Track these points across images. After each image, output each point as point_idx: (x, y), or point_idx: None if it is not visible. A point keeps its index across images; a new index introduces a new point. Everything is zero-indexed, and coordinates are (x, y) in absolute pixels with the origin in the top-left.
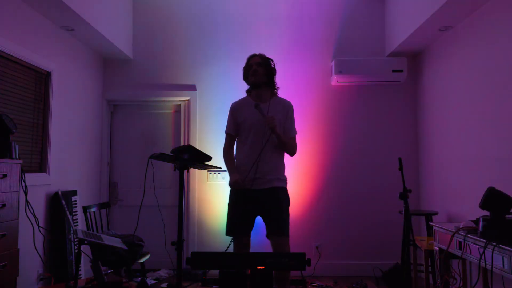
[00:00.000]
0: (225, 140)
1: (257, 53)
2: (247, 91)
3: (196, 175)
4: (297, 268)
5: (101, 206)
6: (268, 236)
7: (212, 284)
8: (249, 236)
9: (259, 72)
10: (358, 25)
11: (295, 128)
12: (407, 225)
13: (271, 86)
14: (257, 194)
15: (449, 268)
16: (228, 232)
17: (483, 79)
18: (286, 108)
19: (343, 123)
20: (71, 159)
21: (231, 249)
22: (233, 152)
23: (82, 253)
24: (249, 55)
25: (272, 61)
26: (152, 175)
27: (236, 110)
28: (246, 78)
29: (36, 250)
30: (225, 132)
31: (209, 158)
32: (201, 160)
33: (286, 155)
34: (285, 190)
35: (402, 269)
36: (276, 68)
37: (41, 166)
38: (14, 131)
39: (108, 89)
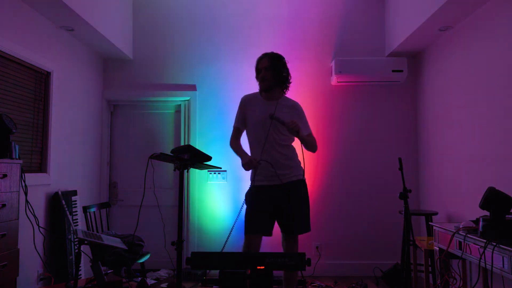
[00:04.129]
0: (232, 132)
1: (268, 51)
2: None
3: (196, 175)
4: (297, 268)
5: (101, 206)
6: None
7: (212, 284)
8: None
9: (268, 77)
10: (358, 25)
11: (309, 127)
12: (407, 225)
13: (282, 86)
14: (273, 192)
15: (449, 268)
16: (247, 230)
17: (483, 79)
18: (296, 110)
19: (343, 123)
20: (71, 159)
21: (229, 248)
22: (240, 142)
23: (82, 253)
24: (259, 57)
25: (283, 59)
26: (152, 175)
27: (245, 104)
28: (257, 79)
29: (36, 250)
30: (234, 126)
31: (209, 158)
32: (201, 160)
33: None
34: (302, 184)
35: (402, 269)
36: None
37: (41, 166)
38: (14, 131)
39: (108, 89)
